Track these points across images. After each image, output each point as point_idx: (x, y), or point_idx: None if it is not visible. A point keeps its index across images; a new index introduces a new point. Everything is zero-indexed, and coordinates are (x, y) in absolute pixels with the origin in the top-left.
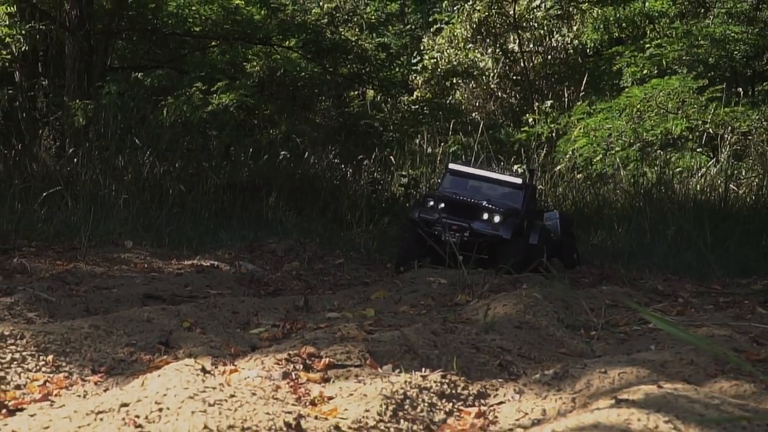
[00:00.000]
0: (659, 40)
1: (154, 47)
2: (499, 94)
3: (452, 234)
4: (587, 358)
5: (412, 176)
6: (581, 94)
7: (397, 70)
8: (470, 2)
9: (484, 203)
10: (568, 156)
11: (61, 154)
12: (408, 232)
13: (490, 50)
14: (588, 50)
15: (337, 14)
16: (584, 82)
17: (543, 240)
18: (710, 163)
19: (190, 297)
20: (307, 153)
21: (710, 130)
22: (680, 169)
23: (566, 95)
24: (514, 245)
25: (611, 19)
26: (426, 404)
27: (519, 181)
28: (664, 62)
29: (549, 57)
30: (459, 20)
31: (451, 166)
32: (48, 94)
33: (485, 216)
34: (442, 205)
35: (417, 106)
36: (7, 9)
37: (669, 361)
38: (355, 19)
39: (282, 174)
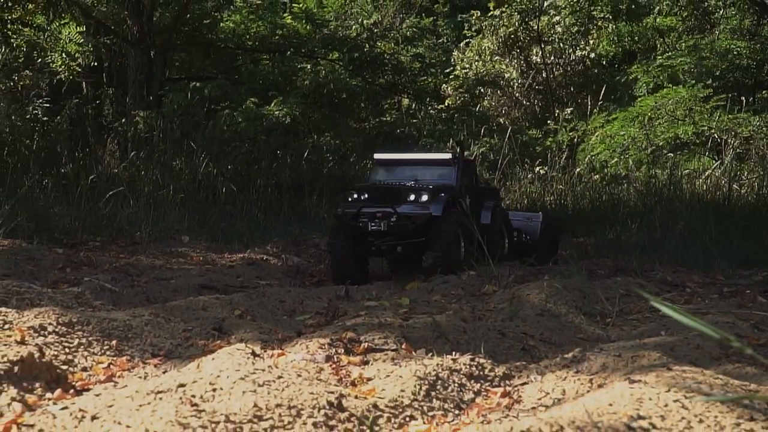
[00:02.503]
0: (669, 53)
1: (209, 60)
2: (523, 102)
3: (377, 222)
4: (603, 343)
5: None
6: (600, 103)
7: (429, 80)
8: (497, 18)
9: (409, 184)
10: (586, 159)
11: (123, 157)
12: (335, 238)
13: (515, 62)
14: (603, 62)
15: (376, 30)
16: (602, 93)
17: (500, 221)
18: (715, 165)
19: (242, 287)
20: (348, 156)
21: (715, 135)
22: (688, 170)
23: (589, 103)
24: (449, 222)
25: (624, 33)
26: (456, 385)
27: (448, 156)
28: (679, 74)
29: (568, 68)
30: (486, 35)
31: (377, 156)
32: (112, 103)
33: (411, 197)
34: (365, 195)
35: (448, 114)
36: (78, 28)
37: (677, 346)
38: (392, 34)
39: (325, 175)
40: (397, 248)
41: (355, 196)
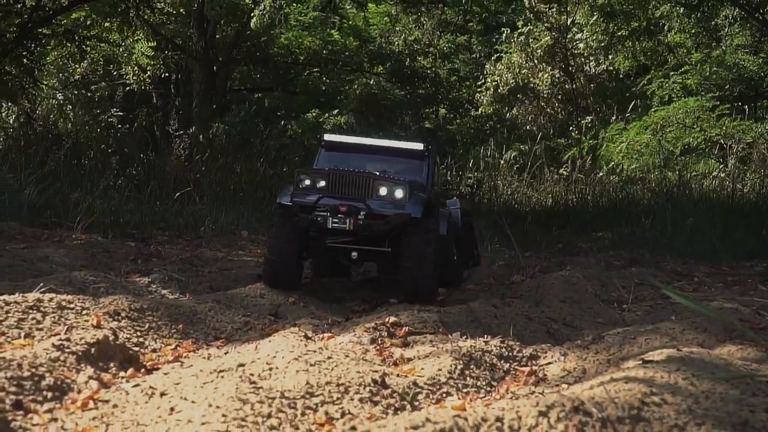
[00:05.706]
0: (682, 69)
1: (267, 73)
2: (549, 110)
3: (341, 219)
4: (619, 327)
5: (477, 177)
6: (627, 115)
7: (464, 91)
8: (524, 35)
9: (379, 174)
10: (606, 163)
11: (189, 160)
12: (279, 237)
13: (541, 74)
14: (620, 74)
15: (416, 46)
16: (624, 106)
17: (452, 231)
18: (720, 167)
19: None
20: None
21: (721, 140)
22: (696, 173)
23: (615, 113)
24: (430, 228)
25: (639, 49)
26: (488, 364)
27: (420, 146)
28: (693, 86)
29: (590, 81)
30: (515, 50)
31: (327, 137)
32: (179, 112)
33: (383, 190)
34: (322, 182)
35: (481, 121)
36: (148, 44)
37: (686, 329)
38: (430, 50)
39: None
40: (351, 253)
41: (308, 182)
